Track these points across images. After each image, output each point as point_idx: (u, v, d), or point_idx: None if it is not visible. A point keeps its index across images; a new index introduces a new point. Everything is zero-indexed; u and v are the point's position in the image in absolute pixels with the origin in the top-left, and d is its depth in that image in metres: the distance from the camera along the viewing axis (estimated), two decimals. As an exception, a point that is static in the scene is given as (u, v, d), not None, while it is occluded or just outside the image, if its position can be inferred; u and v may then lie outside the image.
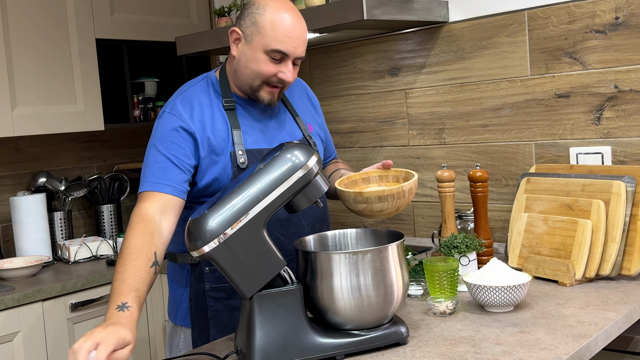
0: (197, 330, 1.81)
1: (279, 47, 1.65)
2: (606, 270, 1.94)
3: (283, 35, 1.64)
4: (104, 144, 3.39)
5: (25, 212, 2.84)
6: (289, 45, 1.65)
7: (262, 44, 1.65)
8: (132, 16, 3.13)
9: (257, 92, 1.72)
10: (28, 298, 2.44)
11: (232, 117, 1.73)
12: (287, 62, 1.68)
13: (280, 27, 1.64)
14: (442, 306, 1.71)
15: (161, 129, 1.70)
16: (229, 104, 1.74)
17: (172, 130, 1.68)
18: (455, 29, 2.53)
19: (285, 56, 1.67)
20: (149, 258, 1.51)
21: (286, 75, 1.69)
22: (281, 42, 1.65)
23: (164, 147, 1.67)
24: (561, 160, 2.31)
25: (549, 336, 1.52)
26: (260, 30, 1.65)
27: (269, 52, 1.66)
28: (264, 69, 1.67)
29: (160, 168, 1.65)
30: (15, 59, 2.74)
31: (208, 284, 1.76)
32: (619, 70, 2.17)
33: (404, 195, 1.67)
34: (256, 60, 1.67)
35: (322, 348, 1.45)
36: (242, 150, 1.70)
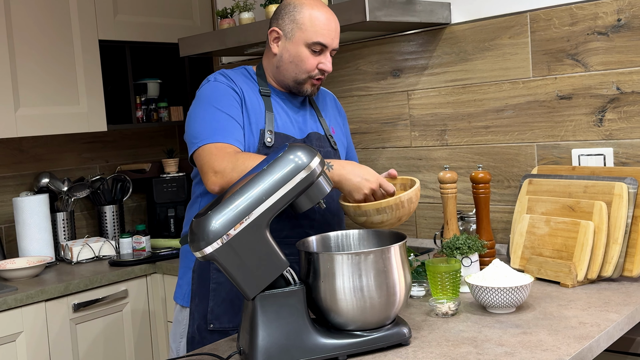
0: (196, 302, 1.86)
1: (319, 39, 1.79)
2: (608, 272, 1.94)
3: (321, 28, 1.79)
4: (106, 144, 3.39)
5: (28, 213, 2.84)
6: (328, 37, 1.81)
7: (304, 38, 1.80)
8: (135, 17, 3.14)
9: (302, 84, 1.86)
10: (31, 298, 2.45)
11: (267, 102, 1.86)
12: (326, 54, 1.83)
13: (319, 22, 1.79)
14: (444, 307, 1.72)
15: (212, 91, 1.81)
16: (265, 91, 1.87)
17: (224, 91, 1.81)
18: (457, 31, 2.53)
19: (324, 48, 1.81)
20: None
21: (326, 65, 1.83)
22: (321, 34, 1.79)
23: (222, 105, 1.78)
24: (563, 161, 2.32)
25: (551, 337, 1.53)
26: (301, 26, 1.80)
27: (310, 45, 1.80)
28: (308, 62, 1.81)
29: (225, 124, 1.76)
30: (18, 60, 2.74)
31: None
32: (621, 72, 2.18)
33: (403, 206, 1.69)
34: (299, 55, 1.81)
35: (324, 349, 1.45)
36: (271, 130, 1.81)
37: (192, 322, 1.86)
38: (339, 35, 1.85)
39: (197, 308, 1.85)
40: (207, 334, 1.81)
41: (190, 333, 1.86)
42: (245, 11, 2.79)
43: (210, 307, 1.82)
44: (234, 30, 2.69)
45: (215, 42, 2.75)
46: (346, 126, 2.12)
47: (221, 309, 1.81)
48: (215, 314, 1.82)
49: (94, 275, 2.66)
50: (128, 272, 2.76)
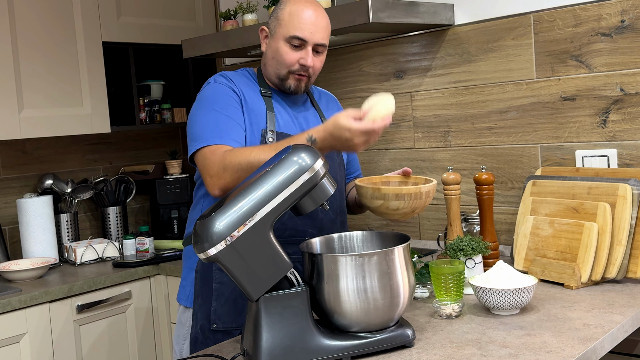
0: (199, 302, 1.86)
1: (296, 33, 1.78)
2: (612, 273, 1.94)
3: (299, 22, 1.78)
4: (110, 146, 3.40)
5: (31, 214, 2.85)
6: (306, 32, 1.78)
7: (282, 33, 1.80)
8: (139, 19, 3.14)
9: (285, 80, 1.85)
10: (34, 300, 2.45)
11: (268, 102, 1.86)
12: (307, 49, 1.80)
13: (297, 16, 1.78)
14: (448, 309, 1.72)
15: (212, 93, 1.82)
16: (266, 92, 1.88)
17: (224, 92, 1.82)
18: (460, 32, 2.53)
19: (303, 42, 1.79)
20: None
21: (307, 60, 1.80)
22: (298, 28, 1.78)
23: (221, 107, 1.79)
24: (567, 163, 2.31)
25: (555, 339, 1.52)
26: (280, 22, 1.81)
27: (289, 40, 1.79)
28: (286, 57, 1.81)
29: (223, 126, 1.76)
30: (22, 62, 2.75)
31: None
32: (625, 73, 2.17)
33: (420, 197, 1.71)
34: (278, 50, 1.82)
35: (328, 350, 1.45)
36: (272, 130, 1.81)
37: (196, 323, 1.86)
38: (324, 31, 1.82)
39: (200, 308, 1.86)
40: (210, 334, 1.81)
41: (194, 333, 1.86)
42: (249, 13, 2.79)
43: (213, 307, 1.82)
44: (237, 31, 2.69)
45: (218, 44, 2.75)
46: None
47: (224, 309, 1.82)
48: (218, 314, 1.82)
49: (98, 277, 2.66)
50: (131, 274, 2.77)
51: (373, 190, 1.71)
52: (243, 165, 1.63)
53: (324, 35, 1.82)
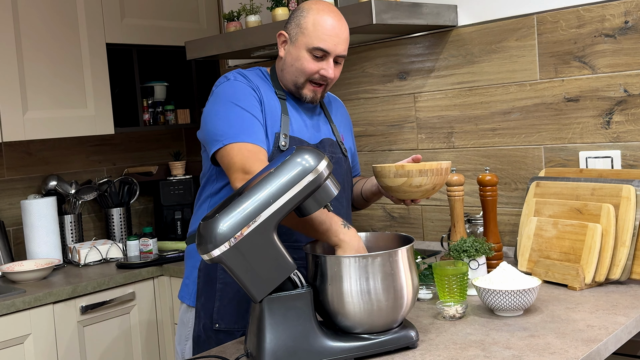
0: (202, 301, 1.86)
1: (320, 45, 1.77)
2: (616, 275, 1.93)
3: (323, 33, 1.76)
4: (113, 147, 3.40)
5: (36, 216, 2.85)
6: (330, 43, 1.77)
7: (305, 42, 1.78)
8: (142, 21, 3.15)
9: (302, 89, 1.84)
10: (39, 301, 2.46)
11: (283, 105, 1.85)
12: (328, 60, 1.80)
13: (321, 27, 1.77)
14: (451, 310, 1.72)
15: (233, 90, 1.79)
16: (281, 95, 1.87)
17: (246, 90, 1.80)
18: (464, 33, 2.53)
19: (326, 54, 1.78)
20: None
21: (328, 72, 1.80)
22: (322, 40, 1.77)
23: (244, 104, 1.77)
24: (570, 164, 2.31)
25: (558, 340, 1.52)
26: (304, 31, 1.78)
27: (311, 50, 1.78)
28: (307, 66, 1.79)
29: (248, 124, 1.74)
30: (26, 63, 2.76)
31: None
32: (629, 74, 2.17)
33: (441, 173, 1.75)
34: (300, 59, 1.80)
35: (331, 351, 1.45)
36: (286, 134, 1.80)
37: (198, 322, 1.86)
38: (346, 43, 1.81)
39: (203, 307, 1.85)
40: (212, 333, 1.81)
41: (196, 332, 1.86)
42: (252, 14, 2.79)
43: (216, 306, 1.82)
44: (241, 33, 2.69)
45: (221, 45, 2.76)
46: (352, 135, 2.11)
47: (227, 309, 1.82)
48: (221, 314, 1.82)
49: (102, 278, 2.67)
50: (135, 275, 2.77)
51: (397, 168, 1.74)
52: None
53: (345, 46, 1.81)
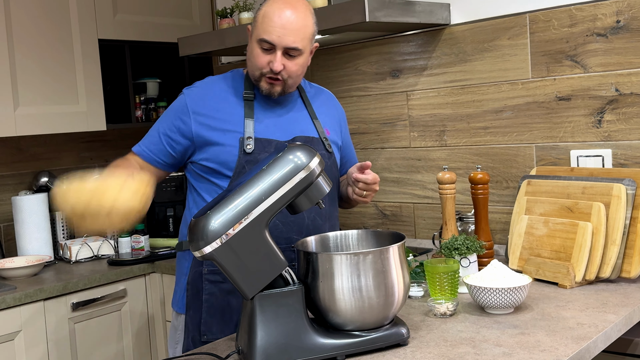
0: (190, 314, 1.85)
1: (264, 36, 1.74)
2: (606, 273, 1.94)
3: (269, 25, 1.73)
4: (105, 144, 3.39)
5: (27, 212, 2.84)
6: (274, 35, 1.73)
7: (255, 34, 1.77)
8: (135, 17, 3.14)
9: (258, 82, 1.81)
10: (29, 297, 2.45)
11: (248, 107, 1.83)
12: (275, 53, 1.75)
13: (268, 18, 1.74)
14: (442, 307, 1.72)
15: (172, 105, 1.88)
16: (248, 95, 1.84)
17: (173, 109, 1.86)
18: (456, 32, 2.53)
19: (272, 45, 1.74)
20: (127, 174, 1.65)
21: (274, 65, 1.75)
22: (267, 31, 1.73)
23: (161, 120, 1.87)
24: (562, 162, 2.32)
25: (549, 338, 1.53)
26: (255, 23, 1.77)
27: (259, 42, 1.76)
28: (257, 59, 1.78)
29: (148, 135, 1.87)
30: (17, 59, 2.74)
31: (206, 267, 1.81)
32: (620, 73, 2.18)
33: None
34: (252, 52, 1.79)
35: (323, 348, 1.45)
36: (251, 136, 1.78)
37: (187, 334, 1.85)
38: (297, 34, 1.73)
39: (191, 320, 1.85)
40: (201, 345, 1.80)
41: (186, 345, 1.85)
42: (245, 11, 2.79)
43: (203, 318, 1.82)
44: (234, 30, 2.69)
45: (214, 42, 2.75)
46: (344, 126, 2.07)
47: (214, 320, 1.81)
48: (208, 325, 1.81)
49: (93, 275, 2.66)
50: (127, 272, 2.76)
51: None
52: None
53: (296, 38, 1.73)
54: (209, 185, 1.84)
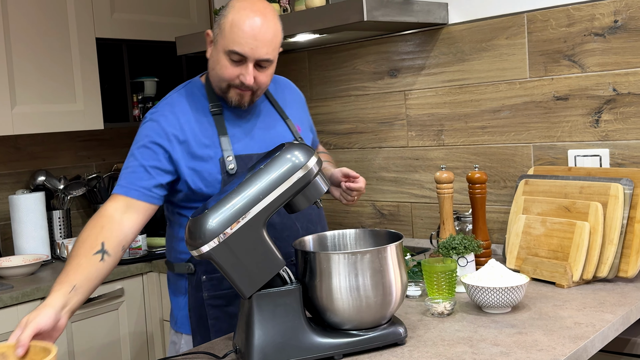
0: (198, 340, 1.79)
1: (235, 48, 1.61)
2: (603, 272, 1.95)
3: (239, 36, 1.60)
4: (103, 143, 3.39)
5: (24, 211, 2.84)
6: (246, 47, 1.61)
7: (223, 45, 1.63)
8: (132, 16, 3.13)
9: (226, 93, 1.70)
10: (26, 296, 2.44)
11: (219, 123, 1.71)
12: (247, 65, 1.64)
13: (238, 28, 1.60)
14: (440, 307, 1.72)
15: (140, 135, 1.71)
16: (216, 109, 1.72)
17: (149, 137, 1.69)
18: (454, 31, 2.53)
19: (243, 58, 1.63)
20: (93, 247, 1.55)
21: (246, 78, 1.64)
22: (238, 43, 1.61)
23: (139, 153, 1.68)
24: (559, 162, 2.32)
25: (546, 337, 1.53)
26: (222, 32, 1.63)
27: (228, 54, 1.63)
28: (225, 72, 1.65)
29: (130, 172, 1.67)
30: (15, 58, 2.74)
31: (206, 292, 1.75)
32: (618, 73, 2.18)
33: None
34: (219, 63, 1.66)
35: (320, 348, 1.45)
36: (231, 156, 1.69)
37: None
38: (269, 46, 1.63)
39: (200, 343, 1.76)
40: None
41: None
42: (243, 10, 2.78)
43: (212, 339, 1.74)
44: (232, 29, 2.68)
45: (212, 41, 2.75)
46: (307, 111, 1.98)
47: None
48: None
49: (90, 274, 2.65)
50: (124, 271, 2.76)
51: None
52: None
53: (268, 50, 1.63)
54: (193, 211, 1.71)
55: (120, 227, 1.61)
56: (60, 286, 1.49)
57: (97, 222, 1.61)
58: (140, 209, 1.65)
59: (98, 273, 1.56)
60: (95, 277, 1.55)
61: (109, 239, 1.58)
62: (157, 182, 1.67)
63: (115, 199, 1.65)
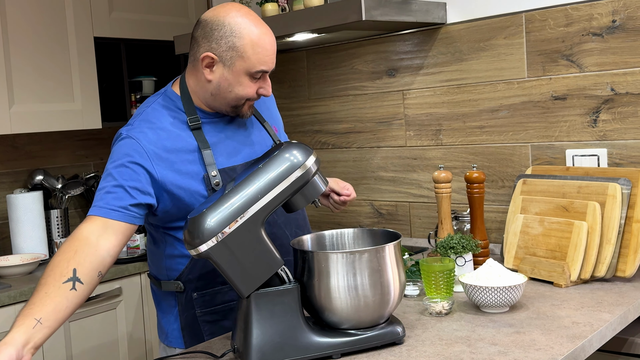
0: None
1: (262, 67, 1.63)
2: (601, 272, 1.95)
3: (264, 55, 1.62)
4: (101, 142, 3.39)
5: (22, 210, 2.84)
6: (270, 63, 1.65)
7: (246, 67, 1.62)
8: (131, 15, 3.13)
9: (241, 109, 1.69)
10: (24, 296, 2.44)
11: (199, 137, 1.66)
12: (266, 77, 1.67)
13: (261, 48, 1.61)
14: (438, 306, 1.72)
15: (116, 153, 1.62)
16: (195, 123, 1.66)
17: (128, 156, 1.59)
18: (452, 31, 2.54)
19: (265, 73, 1.66)
20: (63, 274, 1.44)
21: (266, 90, 1.67)
22: (264, 62, 1.63)
23: (118, 172, 1.58)
24: (557, 162, 2.33)
25: (544, 337, 1.53)
26: (242, 55, 1.61)
27: (253, 74, 1.63)
28: (248, 90, 1.65)
29: (107, 193, 1.56)
30: (13, 57, 2.73)
31: (199, 310, 1.71)
32: (616, 73, 2.19)
33: None
34: (240, 84, 1.64)
35: (318, 347, 1.45)
36: (215, 170, 1.64)
37: None
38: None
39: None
40: None
41: None
42: (241, 9, 2.78)
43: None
44: (230, 28, 2.68)
45: (210, 40, 2.74)
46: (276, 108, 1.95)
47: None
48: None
49: (88, 273, 2.65)
50: (122, 270, 2.76)
51: None
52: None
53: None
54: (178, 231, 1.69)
55: (96, 251, 1.50)
56: (24, 320, 1.37)
57: (70, 246, 1.49)
58: (120, 230, 1.54)
59: (68, 303, 1.43)
60: (65, 308, 1.42)
61: (82, 265, 1.47)
62: (137, 201, 1.57)
63: (91, 221, 1.53)
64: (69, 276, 1.44)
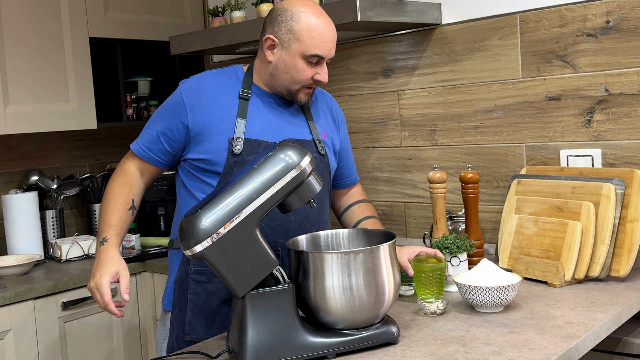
0: (175, 313, 1.85)
1: (316, 52, 1.75)
2: (595, 272, 1.96)
3: (319, 40, 1.75)
4: (96, 142, 3.38)
5: (17, 210, 2.83)
6: (325, 49, 1.77)
7: (301, 50, 1.75)
8: (126, 15, 3.13)
9: (296, 94, 1.82)
10: (19, 296, 2.44)
11: (242, 106, 1.82)
12: (322, 64, 1.79)
13: (317, 33, 1.75)
14: (432, 306, 1.73)
15: (169, 100, 1.87)
16: (245, 94, 1.83)
17: (171, 103, 1.85)
18: (447, 31, 2.54)
19: (321, 59, 1.78)
20: (127, 202, 1.83)
21: (322, 76, 1.80)
22: (318, 47, 1.75)
23: (159, 115, 1.86)
24: (552, 162, 2.33)
25: (538, 336, 1.54)
26: (298, 37, 1.75)
27: (307, 57, 1.76)
28: (303, 74, 1.78)
29: (149, 135, 1.85)
30: (8, 57, 2.73)
31: (192, 267, 1.82)
32: (610, 73, 2.19)
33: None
34: (295, 66, 1.77)
35: (313, 347, 1.46)
36: (240, 137, 1.77)
37: (172, 333, 1.85)
38: (335, 44, 1.81)
39: (176, 319, 1.84)
40: (185, 344, 1.79)
41: (170, 344, 1.85)
42: (237, 10, 2.79)
43: (187, 317, 1.81)
44: (225, 28, 2.69)
45: (206, 41, 2.75)
46: (343, 130, 2.06)
47: (197, 320, 1.81)
48: (192, 324, 1.81)
49: (83, 274, 2.65)
50: (117, 270, 2.75)
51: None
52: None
53: (335, 48, 1.81)
54: (200, 184, 1.83)
55: (139, 185, 1.88)
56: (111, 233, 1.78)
57: (125, 179, 1.85)
58: (151, 171, 1.88)
59: (129, 223, 1.84)
60: (128, 226, 1.84)
61: (135, 196, 1.86)
62: (165, 149, 1.84)
63: (132, 158, 1.88)
64: (130, 205, 1.83)
